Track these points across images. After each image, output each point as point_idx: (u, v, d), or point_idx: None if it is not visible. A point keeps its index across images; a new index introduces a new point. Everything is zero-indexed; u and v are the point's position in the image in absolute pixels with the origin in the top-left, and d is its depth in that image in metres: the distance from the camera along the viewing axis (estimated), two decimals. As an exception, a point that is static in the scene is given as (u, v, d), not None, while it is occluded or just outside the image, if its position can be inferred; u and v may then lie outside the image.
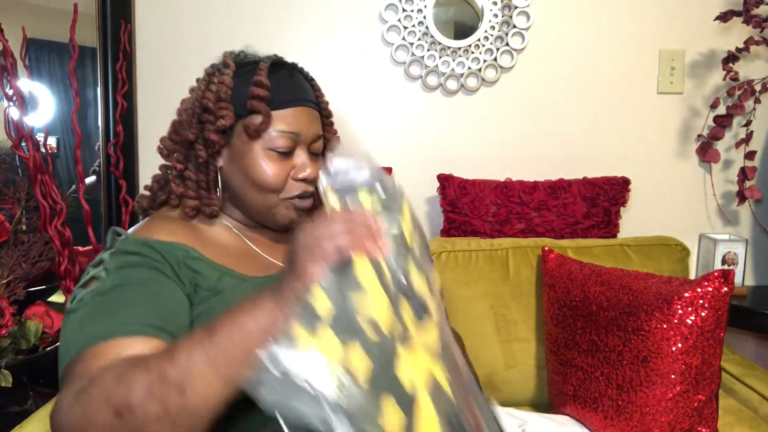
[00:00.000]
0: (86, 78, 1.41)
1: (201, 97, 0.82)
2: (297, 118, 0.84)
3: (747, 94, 1.47)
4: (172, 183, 0.84)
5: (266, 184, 0.82)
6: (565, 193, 1.44)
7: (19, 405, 1.13)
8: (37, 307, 1.22)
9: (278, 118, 0.82)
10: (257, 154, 0.82)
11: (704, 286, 0.96)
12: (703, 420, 0.98)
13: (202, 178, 0.84)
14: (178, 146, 0.85)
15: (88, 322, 0.66)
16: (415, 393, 0.54)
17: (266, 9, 1.48)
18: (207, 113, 0.82)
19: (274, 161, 0.82)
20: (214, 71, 0.84)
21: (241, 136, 0.82)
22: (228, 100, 0.81)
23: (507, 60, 1.52)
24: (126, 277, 0.70)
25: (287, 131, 0.82)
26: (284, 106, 0.83)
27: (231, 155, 0.84)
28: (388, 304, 0.56)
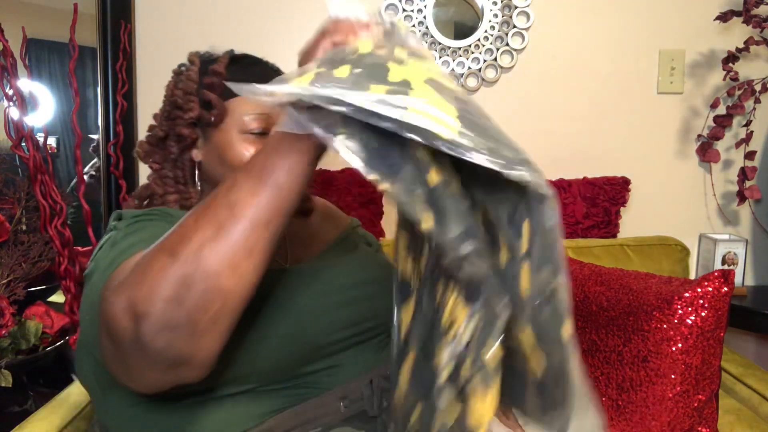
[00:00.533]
0: (86, 78, 1.41)
1: (170, 95, 0.85)
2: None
3: (747, 94, 1.47)
4: (153, 184, 0.86)
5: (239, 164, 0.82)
6: (565, 193, 1.44)
7: (19, 405, 1.13)
8: (37, 307, 1.22)
9: (245, 101, 0.83)
10: (233, 140, 0.83)
11: (704, 286, 0.96)
12: (703, 420, 0.98)
13: (179, 173, 0.86)
14: (154, 147, 0.87)
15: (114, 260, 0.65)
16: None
17: (266, 9, 1.48)
18: (176, 109, 0.84)
19: (251, 144, 0.83)
20: (180, 70, 0.87)
21: (209, 125, 0.84)
22: (194, 93, 0.83)
23: (507, 60, 1.52)
24: (139, 226, 0.72)
25: (261, 112, 0.83)
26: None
27: (208, 147, 0.85)
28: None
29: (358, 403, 0.78)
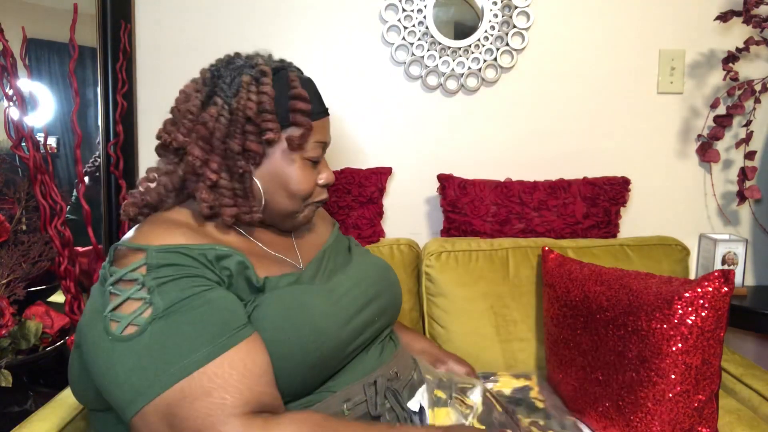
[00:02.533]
0: (86, 78, 1.41)
1: (243, 107, 0.80)
2: (325, 128, 0.89)
3: (747, 94, 1.47)
4: (202, 192, 0.80)
5: (301, 192, 0.85)
6: (565, 193, 1.44)
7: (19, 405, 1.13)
8: (37, 307, 1.22)
9: (316, 128, 0.85)
10: (296, 164, 0.84)
11: (704, 286, 0.96)
12: (703, 420, 0.97)
13: (237, 186, 0.82)
14: (213, 155, 0.80)
15: (164, 354, 0.64)
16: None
17: (266, 9, 1.48)
18: (249, 123, 0.80)
19: (308, 170, 0.86)
20: (251, 80, 0.81)
21: (282, 146, 0.83)
22: (273, 112, 0.81)
23: (507, 60, 1.52)
24: (174, 294, 0.67)
25: (321, 141, 0.87)
26: (318, 117, 0.86)
27: (266, 164, 0.83)
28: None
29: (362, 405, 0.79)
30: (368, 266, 0.95)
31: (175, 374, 0.63)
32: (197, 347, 0.64)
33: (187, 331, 0.65)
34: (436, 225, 1.56)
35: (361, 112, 1.53)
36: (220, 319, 0.68)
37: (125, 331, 0.65)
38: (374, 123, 1.53)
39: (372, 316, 0.86)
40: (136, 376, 0.63)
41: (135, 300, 0.67)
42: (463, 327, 1.28)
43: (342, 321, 0.80)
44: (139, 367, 0.63)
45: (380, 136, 1.54)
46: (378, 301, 0.89)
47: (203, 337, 0.65)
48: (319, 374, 0.76)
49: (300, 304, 0.76)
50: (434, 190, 1.52)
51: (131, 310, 0.66)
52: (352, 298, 0.84)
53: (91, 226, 1.27)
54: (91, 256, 1.34)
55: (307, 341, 0.73)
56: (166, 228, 0.76)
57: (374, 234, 1.44)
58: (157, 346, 0.64)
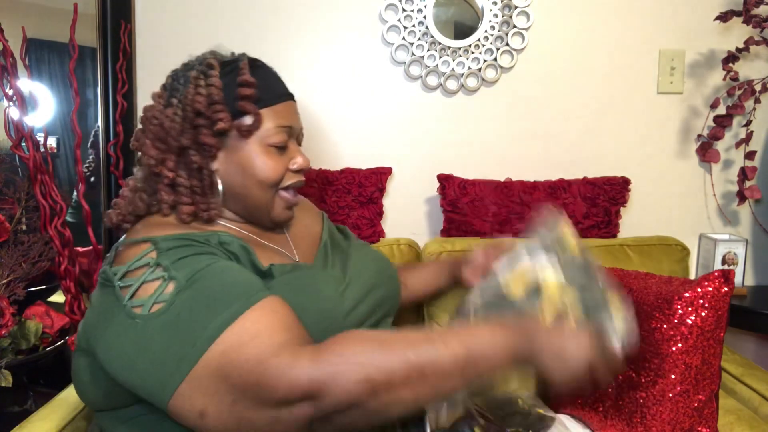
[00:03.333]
0: (86, 78, 1.41)
1: (190, 102, 0.80)
2: (288, 111, 0.87)
3: (747, 94, 1.47)
4: (162, 192, 0.81)
5: (269, 179, 0.83)
6: (565, 193, 1.44)
7: (19, 405, 1.13)
8: (37, 307, 1.22)
9: (272, 113, 0.83)
10: (256, 151, 0.82)
11: (704, 286, 0.96)
12: (703, 420, 0.97)
13: (195, 183, 0.82)
14: (169, 154, 0.81)
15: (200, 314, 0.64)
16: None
17: (266, 9, 1.48)
18: (200, 117, 0.80)
19: (273, 156, 0.84)
20: (199, 74, 0.82)
21: (236, 136, 0.82)
22: (221, 102, 0.80)
23: (507, 60, 1.52)
24: (191, 267, 0.69)
25: (283, 125, 0.84)
26: (276, 101, 0.84)
27: (227, 156, 0.83)
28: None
29: None
30: (367, 259, 0.97)
31: (216, 328, 0.63)
32: (231, 302, 0.65)
33: (217, 291, 0.67)
34: (436, 225, 1.56)
35: (361, 112, 1.53)
36: (242, 279, 0.70)
37: (152, 310, 0.65)
38: (374, 123, 1.53)
39: (371, 307, 0.88)
40: (176, 345, 0.63)
41: (151, 282, 0.68)
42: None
43: (346, 309, 0.81)
44: (177, 338, 0.64)
45: (380, 137, 1.54)
46: (377, 291, 0.91)
47: (232, 293, 0.67)
48: None
49: (308, 288, 0.78)
50: (434, 190, 1.52)
51: (151, 291, 0.67)
52: (355, 289, 0.86)
53: (91, 226, 1.27)
54: (91, 256, 1.34)
55: (314, 323, 0.73)
56: (161, 225, 0.79)
57: (374, 234, 1.44)
58: (191, 312, 0.65)
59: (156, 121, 0.82)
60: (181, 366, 0.62)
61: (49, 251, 1.24)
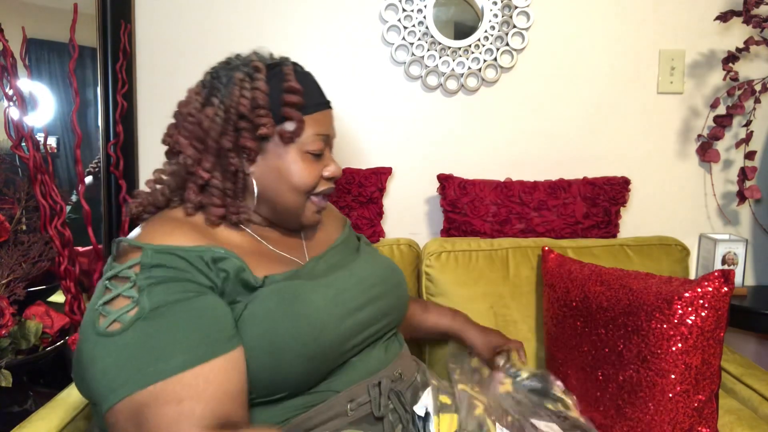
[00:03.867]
0: (86, 78, 1.41)
1: (236, 104, 0.79)
2: (326, 120, 0.88)
3: (747, 94, 1.47)
4: (190, 192, 0.81)
5: (304, 186, 0.84)
6: (565, 193, 1.44)
7: (19, 405, 1.13)
8: (37, 307, 1.22)
9: (312, 121, 0.84)
10: (294, 157, 0.83)
11: (704, 286, 0.96)
12: (703, 420, 0.97)
13: (229, 186, 0.82)
14: (206, 155, 0.81)
15: (142, 355, 0.64)
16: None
17: (266, 9, 1.48)
18: (243, 120, 0.80)
19: (309, 163, 0.84)
20: (245, 76, 0.81)
21: (276, 141, 0.82)
22: (266, 107, 0.80)
23: (507, 60, 1.52)
24: (161, 297, 0.68)
25: (321, 134, 0.85)
26: (316, 109, 0.85)
27: (263, 160, 0.83)
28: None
29: (365, 405, 0.79)
30: (374, 266, 0.95)
31: (150, 376, 0.63)
32: (175, 353, 0.64)
33: (168, 336, 0.65)
34: (436, 225, 1.56)
35: (361, 112, 1.53)
36: (203, 328, 0.67)
37: (110, 327, 0.66)
38: (374, 123, 1.53)
39: (374, 315, 0.86)
40: (113, 372, 0.64)
41: (125, 297, 0.68)
42: (463, 327, 1.28)
43: (340, 315, 0.79)
44: (116, 365, 0.64)
45: (380, 136, 1.54)
46: (381, 301, 0.89)
47: (183, 344, 0.65)
48: (319, 367, 0.76)
49: (296, 296, 0.76)
50: (434, 190, 1.52)
51: (119, 306, 0.67)
52: (353, 295, 0.84)
53: (91, 226, 1.27)
54: (91, 256, 1.34)
55: (304, 332, 0.73)
56: (169, 227, 0.76)
57: (374, 234, 1.44)
58: (137, 346, 0.65)
59: (192, 119, 0.81)
60: (108, 396, 0.64)
61: (49, 251, 1.24)
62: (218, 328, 0.69)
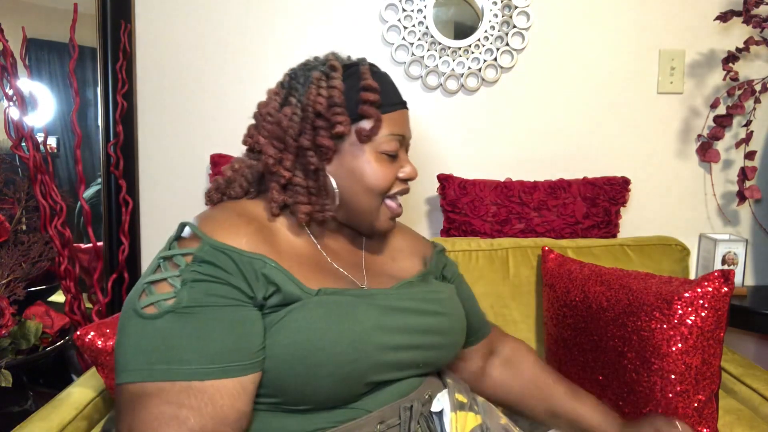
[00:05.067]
0: (86, 78, 1.41)
1: (313, 102, 0.80)
2: (402, 120, 0.87)
3: (747, 94, 1.47)
4: (274, 191, 0.81)
5: (379, 187, 0.83)
6: (565, 193, 1.44)
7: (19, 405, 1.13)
8: (37, 307, 1.22)
9: (387, 121, 0.83)
10: (369, 157, 0.82)
11: (704, 286, 0.96)
12: (703, 420, 0.97)
13: (312, 184, 0.82)
14: (286, 153, 0.81)
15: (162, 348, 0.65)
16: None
17: (266, 9, 1.48)
18: (319, 119, 0.80)
19: (384, 164, 0.83)
20: (321, 75, 0.82)
21: (352, 140, 0.82)
22: (342, 105, 0.80)
23: (507, 60, 1.52)
24: (201, 296, 0.68)
25: (396, 134, 0.84)
26: (392, 109, 0.85)
27: (339, 159, 0.82)
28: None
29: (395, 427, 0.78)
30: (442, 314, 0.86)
31: (161, 373, 0.63)
32: (192, 360, 0.65)
33: (192, 339, 0.66)
34: (436, 225, 1.56)
35: (361, 112, 1.53)
36: (228, 342, 0.67)
37: (146, 308, 0.67)
38: (374, 123, 1.53)
39: (417, 361, 0.81)
40: (132, 354, 0.65)
41: (169, 284, 0.68)
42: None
43: (384, 347, 0.76)
44: (140, 348, 0.65)
45: (380, 136, 1.54)
46: (431, 351, 0.83)
47: (203, 352, 0.65)
48: (350, 389, 0.74)
49: (346, 312, 0.74)
50: (434, 190, 1.52)
51: (162, 291, 0.68)
52: (405, 333, 0.79)
53: (91, 226, 1.27)
54: (91, 255, 1.34)
55: (344, 352, 0.71)
56: (236, 223, 0.76)
57: (374, 234, 1.44)
58: (162, 338, 0.65)
59: (271, 118, 0.82)
60: (123, 373, 0.65)
61: (49, 251, 1.24)
62: (243, 347, 0.68)
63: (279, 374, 0.70)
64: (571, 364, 1.14)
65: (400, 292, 0.84)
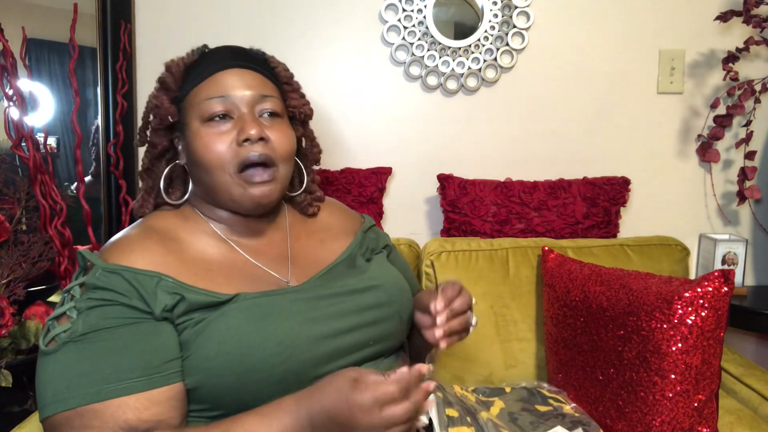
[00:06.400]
0: (86, 78, 1.40)
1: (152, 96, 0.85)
2: (224, 80, 0.79)
3: (747, 94, 1.47)
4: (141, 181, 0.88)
5: (214, 160, 0.76)
6: (565, 193, 1.44)
7: (19, 405, 1.13)
8: (37, 307, 1.22)
9: (205, 85, 0.80)
10: (196, 131, 0.78)
11: (704, 286, 0.96)
12: (703, 420, 0.97)
13: (149, 183, 0.86)
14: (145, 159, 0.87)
15: (73, 376, 0.65)
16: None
17: (266, 9, 1.48)
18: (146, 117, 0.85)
19: (212, 132, 0.77)
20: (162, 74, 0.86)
21: (181, 125, 0.83)
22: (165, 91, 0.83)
23: (507, 60, 1.52)
24: (95, 321, 0.67)
25: (215, 96, 0.78)
26: (207, 74, 0.80)
27: (184, 150, 0.83)
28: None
29: None
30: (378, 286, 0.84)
31: (65, 402, 0.64)
32: (92, 383, 0.65)
33: (90, 364, 0.66)
34: (436, 225, 1.56)
35: (361, 112, 1.53)
36: (124, 362, 0.66)
37: (48, 344, 0.68)
38: (374, 123, 1.53)
39: (363, 341, 0.78)
40: (44, 389, 0.66)
41: (67, 316, 0.69)
42: (463, 327, 1.28)
43: (316, 338, 0.73)
44: (47, 382, 0.66)
45: (380, 136, 1.54)
46: (377, 326, 0.80)
47: (99, 375, 0.65)
48: (292, 389, 0.69)
49: (267, 313, 0.72)
50: (434, 190, 1.52)
51: (61, 324, 0.68)
52: (339, 318, 0.77)
53: (91, 226, 1.27)
54: (91, 256, 1.33)
55: (272, 354, 0.69)
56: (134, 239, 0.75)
57: (374, 234, 1.44)
58: (63, 367, 0.66)
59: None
60: (41, 411, 0.66)
61: (49, 251, 1.24)
62: (146, 361, 0.67)
63: (214, 388, 0.69)
64: (571, 364, 1.14)
65: (326, 278, 0.82)
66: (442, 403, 0.83)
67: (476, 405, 0.93)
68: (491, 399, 1.05)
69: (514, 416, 0.98)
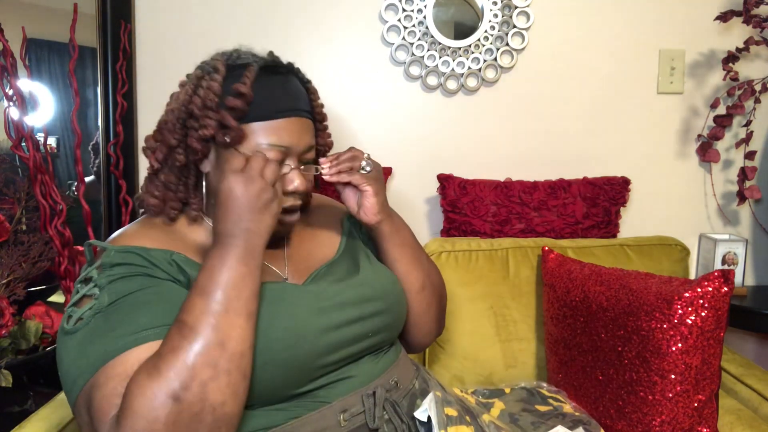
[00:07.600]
0: (86, 78, 1.40)
1: (188, 102, 0.78)
2: (289, 129, 0.78)
3: (747, 94, 1.47)
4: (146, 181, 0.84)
5: None
6: (565, 193, 1.44)
7: (19, 405, 1.13)
8: (37, 307, 1.22)
9: (269, 129, 0.77)
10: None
11: (704, 286, 0.96)
12: (703, 420, 0.98)
13: (172, 180, 0.81)
14: (159, 145, 0.81)
15: (95, 342, 0.65)
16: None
17: (266, 9, 1.48)
18: (192, 119, 0.78)
19: None
20: (203, 74, 0.79)
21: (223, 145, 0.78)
22: (213, 109, 0.76)
23: (507, 60, 1.52)
24: (120, 290, 0.68)
25: (277, 145, 0.77)
26: (275, 116, 0.77)
27: (217, 163, 0.79)
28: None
29: (359, 416, 0.77)
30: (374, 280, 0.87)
31: (98, 360, 0.64)
32: (125, 333, 0.65)
33: (122, 321, 0.66)
34: (436, 225, 1.56)
35: (361, 112, 1.53)
36: (145, 317, 0.67)
37: (76, 324, 0.68)
38: (374, 123, 1.53)
39: (363, 332, 0.81)
40: (75, 365, 0.65)
41: (88, 297, 0.69)
42: (463, 327, 1.28)
43: (322, 328, 0.75)
44: (78, 358, 0.65)
45: (380, 136, 1.54)
46: (376, 318, 0.83)
47: (133, 325, 0.66)
48: (293, 378, 0.72)
49: (279, 298, 0.74)
50: (434, 190, 1.52)
51: (84, 305, 0.69)
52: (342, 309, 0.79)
53: (91, 226, 1.27)
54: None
55: (278, 338, 0.70)
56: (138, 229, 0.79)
57: (374, 234, 1.44)
58: (93, 336, 0.66)
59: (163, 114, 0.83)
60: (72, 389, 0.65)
61: (49, 251, 1.24)
62: (167, 315, 0.67)
63: None
64: (571, 364, 1.14)
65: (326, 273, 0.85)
66: (441, 402, 0.83)
67: (477, 407, 0.93)
68: (491, 400, 1.05)
69: (515, 417, 0.98)
